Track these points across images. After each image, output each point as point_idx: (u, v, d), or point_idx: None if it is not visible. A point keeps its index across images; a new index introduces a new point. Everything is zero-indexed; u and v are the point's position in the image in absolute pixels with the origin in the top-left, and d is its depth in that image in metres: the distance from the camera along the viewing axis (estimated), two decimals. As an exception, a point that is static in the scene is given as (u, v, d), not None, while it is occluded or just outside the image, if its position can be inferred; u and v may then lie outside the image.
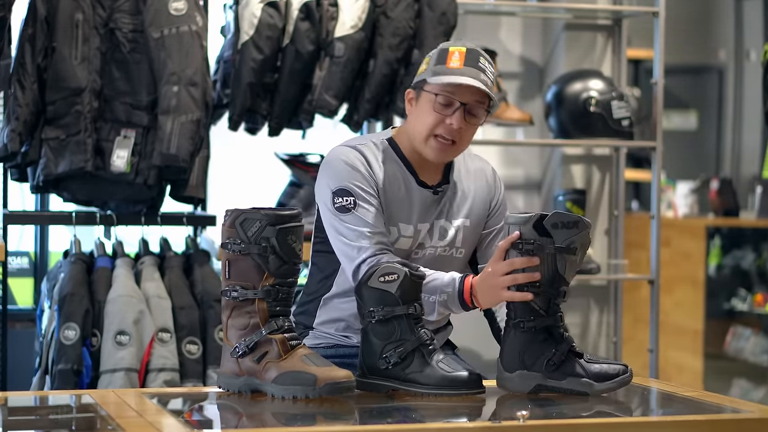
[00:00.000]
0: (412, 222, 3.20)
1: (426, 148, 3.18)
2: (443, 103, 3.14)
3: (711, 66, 9.53)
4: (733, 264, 7.45)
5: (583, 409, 2.81)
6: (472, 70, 3.12)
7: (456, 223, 3.25)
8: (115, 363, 4.31)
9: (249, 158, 5.56)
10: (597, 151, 5.54)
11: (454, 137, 3.16)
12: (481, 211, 3.31)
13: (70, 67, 4.40)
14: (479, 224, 3.31)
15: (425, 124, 3.16)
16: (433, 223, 3.23)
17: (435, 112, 3.15)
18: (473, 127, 3.18)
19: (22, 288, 5.37)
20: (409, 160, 3.22)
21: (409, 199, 3.21)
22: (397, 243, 3.19)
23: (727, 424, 2.72)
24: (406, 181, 3.21)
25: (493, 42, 5.43)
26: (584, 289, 5.48)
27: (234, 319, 2.85)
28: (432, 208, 3.23)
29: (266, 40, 4.62)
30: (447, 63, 3.14)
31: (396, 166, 3.21)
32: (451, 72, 3.13)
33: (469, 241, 3.29)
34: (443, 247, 3.24)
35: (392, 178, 3.20)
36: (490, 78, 3.15)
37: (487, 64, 3.16)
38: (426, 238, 3.22)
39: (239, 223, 2.83)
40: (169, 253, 4.60)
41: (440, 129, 3.15)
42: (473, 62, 3.14)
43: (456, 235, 3.25)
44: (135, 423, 2.54)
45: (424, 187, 3.22)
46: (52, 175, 4.41)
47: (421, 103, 3.18)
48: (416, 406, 2.81)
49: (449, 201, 3.25)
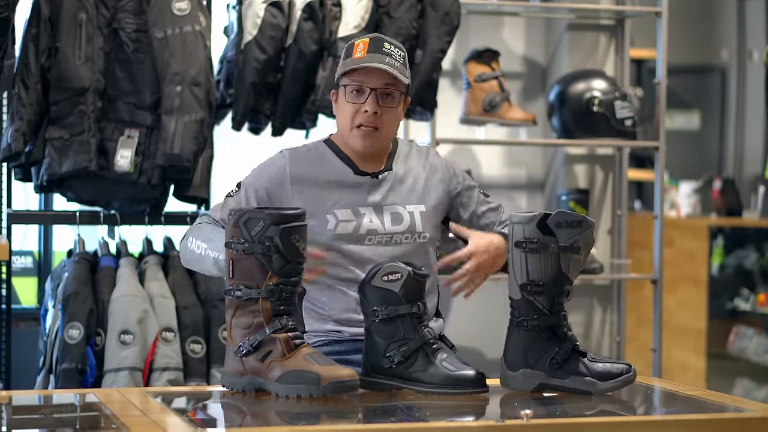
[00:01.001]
0: (349, 206, 3.26)
1: (352, 139, 3.27)
2: (354, 92, 3.24)
3: (714, 66, 9.52)
4: (735, 264, 7.45)
5: (587, 408, 2.81)
6: (375, 56, 3.21)
7: (409, 209, 3.30)
8: (119, 362, 4.31)
9: (252, 158, 5.55)
10: (600, 150, 5.54)
11: (375, 124, 3.24)
12: (437, 199, 3.35)
13: (73, 67, 4.40)
14: (438, 208, 3.35)
15: (345, 116, 3.26)
16: (380, 207, 3.27)
17: (349, 103, 3.25)
18: (392, 111, 3.26)
19: (26, 287, 5.38)
20: (348, 155, 3.31)
21: (343, 186, 3.27)
22: (338, 228, 3.24)
23: (730, 423, 2.73)
24: (341, 172, 3.29)
25: (496, 42, 5.43)
26: (587, 288, 5.48)
27: (238, 319, 2.85)
28: (373, 193, 3.28)
29: (269, 40, 4.62)
30: (353, 55, 3.25)
31: (331, 162, 3.30)
32: (356, 61, 3.23)
33: (430, 226, 3.33)
34: (403, 234, 3.27)
35: (326, 172, 3.28)
36: (397, 60, 3.23)
37: (393, 48, 3.24)
38: (376, 223, 3.26)
39: (243, 223, 2.83)
40: (173, 253, 4.61)
41: (359, 118, 3.24)
42: (377, 48, 3.23)
43: (413, 220, 3.29)
44: (139, 422, 2.55)
45: (363, 175, 3.29)
46: (56, 175, 4.41)
47: (339, 99, 3.29)
48: (420, 405, 2.82)
49: (395, 187, 3.31)
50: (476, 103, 5.07)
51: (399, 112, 3.29)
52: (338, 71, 3.28)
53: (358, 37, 3.29)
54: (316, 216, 3.21)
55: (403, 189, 3.31)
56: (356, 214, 3.26)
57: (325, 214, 3.24)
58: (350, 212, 3.26)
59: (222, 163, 5.06)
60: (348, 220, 3.25)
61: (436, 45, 4.74)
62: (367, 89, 3.22)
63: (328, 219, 3.24)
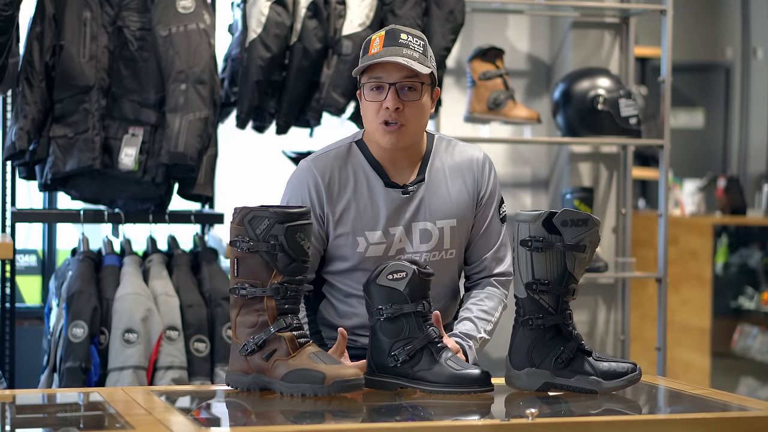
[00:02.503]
0: (379, 227, 3.16)
1: (378, 137, 3.14)
2: (374, 89, 3.12)
3: (718, 64, 9.51)
4: (740, 262, 7.44)
5: (592, 407, 2.81)
6: (391, 49, 3.08)
7: (440, 224, 3.20)
8: (123, 361, 4.31)
9: (257, 156, 5.56)
10: (604, 149, 5.54)
11: (399, 120, 3.10)
12: (468, 207, 3.24)
13: (78, 65, 4.40)
14: (468, 221, 3.25)
15: (369, 115, 3.14)
16: (410, 225, 3.18)
17: (371, 101, 3.12)
18: (416, 104, 3.12)
19: (30, 286, 5.38)
20: (378, 159, 3.19)
21: (374, 204, 3.17)
22: (368, 252, 3.16)
23: (734, 422, 2.72)
24: (371, 185, 3.18)
25: (501, 40, 5.43)
26: (592, 287, 5.48)
27: (242, 317, 2.85)
28: (404, 210, 3.18)
29: (274, 38, 4.62)
30: (369, 51, 3.12)
31: (361, 170, 3.19)
32: (371, 57, 3.10)
33: (459, 240, 3.24)
34: (430, 252, 3.19)
35: (356, 184, 3.17)
36: (416, 50, 3.10)
37: (410, 39, 3.11)
38: (405, 242, 3.18)
39: (247, 221, 2.82)
40: (177, 251, 4.61)
41: (382, 115, 3.11)
42: (393, 40, 3.09)
43: (441, 237, 3.20)
44: (143, 421, 2.54)
45: (394, 188, 3.18)
46: (60, 173, 4.41)
47: (362, 98, 3.16)
48: (425, 404, 2.81)
49: (427, 200, 3.20)
50: (481, 101, 5.07)
51: (425, 105, 3.14)
52: (356, 70, 3.14)
53: (377, 32, 3.19)
54: (347, 236, 3.16)
55: (435, 202, 3.20)
56: (386, 235, 3.17)
57: (356, 236, 3.16)
58: (381, 234, 3.16)
59: (226, 162, 5.07)
60: (378, 243, 3.16)
61: (440, 43, 4.74)
62: (386, 85, 3.09)
63: (359, 241, 3.17)
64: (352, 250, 3.16)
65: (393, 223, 3.17)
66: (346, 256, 3.18)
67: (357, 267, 3.17)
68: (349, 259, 3.18)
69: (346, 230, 3.16)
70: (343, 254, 3.18)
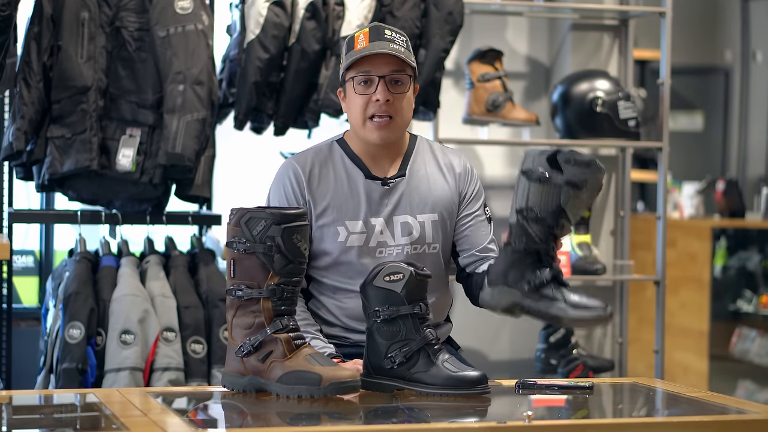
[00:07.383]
0: (360, 217, 3.21)
1: (366, 132, 3.20)
2: (363, 83, 3.17)
3: (717, 67, 9.52)
4: (738, 265, 7.44)
5: (588, 410, 2.80)
6: (377, 43, 3.15)
7: (420, 218, 3.24)
8: (120, 362, 4.30)
9: (255, 157, 5.56)
10: (603, 151, 5.54)
11: (389, 112, 3.17)
12: (450, 203, 3.29)
13: (75, 65, 4.40)
14: (451, 217, 3.29)
15: (357, 109, 3.19)
16: (391, 219, 3.22)
17: (359, 95, 3.18)
18: (404, 97, 3.19)
19: (27, 287, 5.37)
20: (360, 155, 3.25)
21: (355, 195, 3.22)
22: (348, 241, 3.20)
23: (732, 425, 2.72)
24: (351, 178, 3.23)
25: (500, 42, 5.43)
26: (590, 289, 5.47)
27: (239, 319, 2.85)
28: (384, 202, 3.23)
29: (272, 39, 4.61)
30: (354, 47, 3.18)
31: (341, 164, 3.24)
32: (359, 51, 3.16)
33: (442, 235, 3.28)
34: (411, 245, 3.23)
35: (336, 178, 3.23)
36: (401, 45, 3.17)
37: (394, 34, 3.18)
38: (386, 235, 3.22)
39: (244, 222, 2.82)
40: (174, 252, 4.60)
41: (371, 108, 3.17)
42: (378, 36, 3.17)
43: (423, 230, 3.24)
44: (140, 422, 2.54)
45: (374, 180, 3.23)
46: (58, 174, 4.40)
47: (348, 94, 3.22)
48: (421, 406, 2.81)
49: (407, 195, 3.24)
50: (479, 103, 5.07)
51: (411, 99, 3.22)
52: (342, 67, 3.21)
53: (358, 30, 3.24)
54: (328, 226, 3.20)
55: (416, 196, 3.25)
56: (367, 225, 3.21)
57: (336, 226, 3.21)
58: (361, 224, 3.21)
59: (224, 163, 5.06)
60: (360, 232, 3.20)
61: (439, 44, 4.74)
62: (375, 78, 3.16)
63: (339, 231, 3.20)
64: (333, 241, 3.20)
65: (373, 213, 3.22)
66: (328, 250, 3.22)
67: (339, 259, 3.21)
68: (331, 252, 3.22)
69: (327, 221, 3.20)
70: (325, 247, 3.22)
